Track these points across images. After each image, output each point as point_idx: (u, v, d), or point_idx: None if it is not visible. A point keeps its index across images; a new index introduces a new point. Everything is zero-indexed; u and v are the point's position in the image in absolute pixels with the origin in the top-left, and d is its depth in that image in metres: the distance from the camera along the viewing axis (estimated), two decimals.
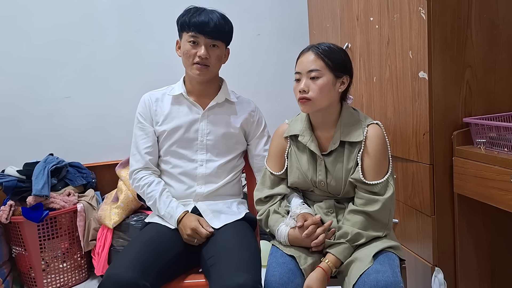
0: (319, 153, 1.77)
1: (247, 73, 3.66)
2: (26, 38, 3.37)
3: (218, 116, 2.09)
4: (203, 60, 1.96)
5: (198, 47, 1.96)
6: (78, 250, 3.10)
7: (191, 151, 2.06)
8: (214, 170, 2.06)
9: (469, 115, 2.02)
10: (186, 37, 1.97)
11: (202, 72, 1.98)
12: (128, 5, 3.51)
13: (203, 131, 2.05)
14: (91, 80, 3.50)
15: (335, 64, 1.72)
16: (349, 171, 1.74)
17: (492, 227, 2.08)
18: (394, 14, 2.16)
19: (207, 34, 1.94)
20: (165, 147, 2.07)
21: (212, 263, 1.73)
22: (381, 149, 1.73)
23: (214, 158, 2.07)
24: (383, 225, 1.71)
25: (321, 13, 3.18)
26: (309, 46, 1.78)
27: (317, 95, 1.70)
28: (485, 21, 1.99)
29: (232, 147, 2.12)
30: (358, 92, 2.63)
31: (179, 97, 2.08)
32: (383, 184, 1.70)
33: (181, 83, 2.10)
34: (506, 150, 1.77)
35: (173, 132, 2.04)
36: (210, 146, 2.06)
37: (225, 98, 2.11)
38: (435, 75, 1.96)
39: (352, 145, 1.75)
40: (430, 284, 2.06)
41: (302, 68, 1.73)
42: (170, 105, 2.08)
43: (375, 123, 1.77)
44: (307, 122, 1.82)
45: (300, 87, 1.71)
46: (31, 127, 3.42)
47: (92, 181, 3.36)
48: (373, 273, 1.53)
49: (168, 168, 2.08)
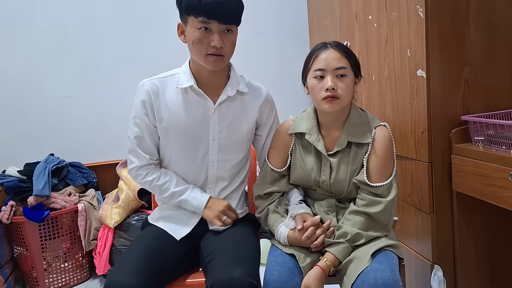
0: (325, 153, 1.75)
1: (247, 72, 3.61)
2: (26, 38, 3.38)
3: (230, 112, 1.87)
4: (218, 50, 1.71)
5: (210, 35, 1.69)
6: (80, 249, 3.11)
7: (201, 150, 1.86)
8: (227, 171, 1.92)
9: (468, 113, 2.01)
10: (195, 23, 1.68)
11: (217, 63, 1.74)
12: (128, 5, 3.52)
13: (214, 129, 1.85)
14: (91, 80, 3.51)
15: (356, 63, 1.74)
16: (354, 172, 1.73)
17: (491, 224, 2.08)
18: (393, 12, 2.16)
19: (221, 19, 1.67)
20: (169, 148, 1.88)
21: (209, 259, 1.72)
22: (388, 152, 1.72)
23: (225, 158, 1.90)
24: (383, 226, 1.71)
25: (321, 11, 3.19)
26: (325, 43, 1.73)
27: (346, 93, 1.68)
28: (483, 18, 1.98)
29: (246, 143, 1.95)
30: (357, 89, 2.62)
31: (186, 89, 1.83)
32: (387, 186, 1.69)
33: (189, 72, 1.84)
34: (504, 148, 1.77)
35: (180, 131, 1.83)
36: (222, 145, 1.87)
37: (236, 89, 1.88)
38: (434, 73, 1.96)
39: (359, 146, 1.73)
40: (430, 281, 2.06)
41: (327, 65, 1.67)
42: (176, 99, 1.83)
43: (382, 124, 1.75)
44: (315, 121, 1.80)
45: (328, 85, 1.65)
46: (31, 127, 3.44)
47: (93, 180, 3.37)
48: (371, 271, 1.53)
49: (175, 169, 1.91)
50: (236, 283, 1.55)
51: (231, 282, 1.55)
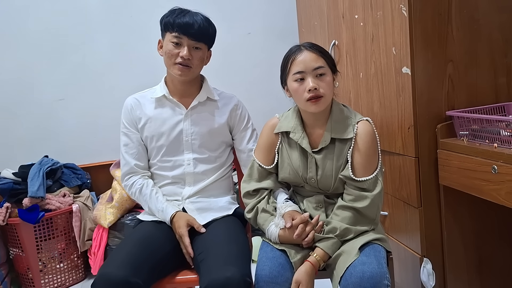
0: (310, 150, 1.78)
1: (238, 72, 3.69)
2: (19, 41, 3.40)
3: (201, 115, 2.09)
4: (185, 61, 1.96)
5: (181, 48, 1.96)
6: (75, 250, 3.13)
7: (178, 151, 2.06)
8: (202, 168, 2.07)
9: (452, 109, 2.04)
10: (169, 37, 1.96)
11: (183, 72, 1.98)
12: (119, 8, 3.53)
13: (187, 131, 2.05)
14: (85, 82, 3.53)
15: (332, 61, 1.78)
16: (339, 168, 1.76)
17: (478, 217, 2.10)
18: (377, 11, 2.20)
19: (190, 35, 1.95)
20: (152, 152, 2.09)
21: (201, 258, 1.75)
22: (371, 146, 1.74)
23: (201, 157, 2.07)
24: (371, 220, 1.74)
25: (309, 11, 3.22)
26: (299, 46, 1.78)
27: (328, 92, 1.72)
28: (465, 16, 2.01)
29: (219, 144, 2.12)
30: (345, 88, 2.67)
31: (161, 99, 2.08)
32: (372, 181, 1.72)
33: (163, 84, 2.10)
34: (488, 142, 1.79)
35: (158, 136, 2.05)
36: (195, 145, 2.06)
37: (207, 96, 2.10)
38: (418, 70, 1.99)
39: (343, 142, 1.76)
40: (419, 274, 2.08)
41: (305, 67, 1.71)
42: (153, 109, 2.08)
43: (365, 119, 1.77)
44: (299, 119, 1.83)
45: (310, 85, 1.69)
46: (26, 129, 3.45)
47: (87, 181, 3.38)
48: (359, 265, 1.56)
49: (158, 171, 2.10)
50: (231, 282, 1.58)
51: (226, 281, 1.58)
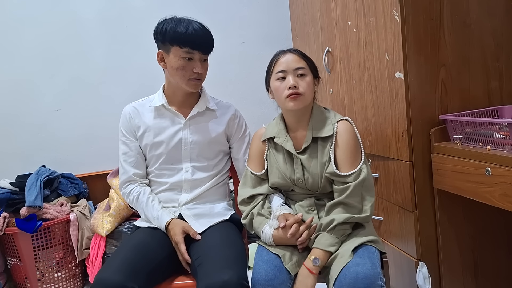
0: (294, 152, 1.83)
1: (233, 80, 3.72)
2: (16, 52, 3.43)
3: (200, 125, 2.10)
4: (198, 75, 1.99)
5: (193, 63, 1.96)
6: (72, 259, 3.12)
7: (177, 160, 2.07)
8: (199, 176, 2.09)
9: (445, 112, 2.06)
10: (180, 53, 1.94)
11: (197, 86, 2.03)
12: (114, 19, 3.57)
13: (186, 140, 2.06)
14: (81, 92, 3.55)
15: (313, 66, 1.86)
16: (324, 165, 1.80)
17: (472, 220, 2.11)
18: (370, 17, 2.22)
19: (202, 50, 1.97)
20: (151, 160, 2.10)
21: (198, 263, 1.76)
22: (352, 142, 1.79)
23: (199, 165, 2.09)
24: (358, 210, 1.74)
25: (303, 19, 3.25)
26: (283, 50, 1.88)
27: (307, 90, 1.79)
28: (457, 21, 2.04)
29: (217, 153, 2.14)
30: (340, 94, 2.69)
31: (160, 108, 2.08)
32: (356, 173, 1.76)
33: (161, 94, 2.10)
34: (481, 145, 1.81)
35: (157, 145, 2.06)
36: (194, 154, 2.08)
37: (206, 106, 2.12)
38: (411, 75, 2.01)
39: (324, 140, 1.82)
40: (415, 278, 2.09)
41: (287, 67, 1.80)
42: (152, 118, 2.08)
43: (344, 119, 1.84)
44: (282, 124, 1.90)
45: (291, 83, 1.77)
46: (23, 140, 3.47)
47: (84, 191, 3.40)
48: (353, 266, 1.58)
49: (155, 178, 2.11)
50: (228, 286, 1.59)
51: (224, 285, 1.59)
